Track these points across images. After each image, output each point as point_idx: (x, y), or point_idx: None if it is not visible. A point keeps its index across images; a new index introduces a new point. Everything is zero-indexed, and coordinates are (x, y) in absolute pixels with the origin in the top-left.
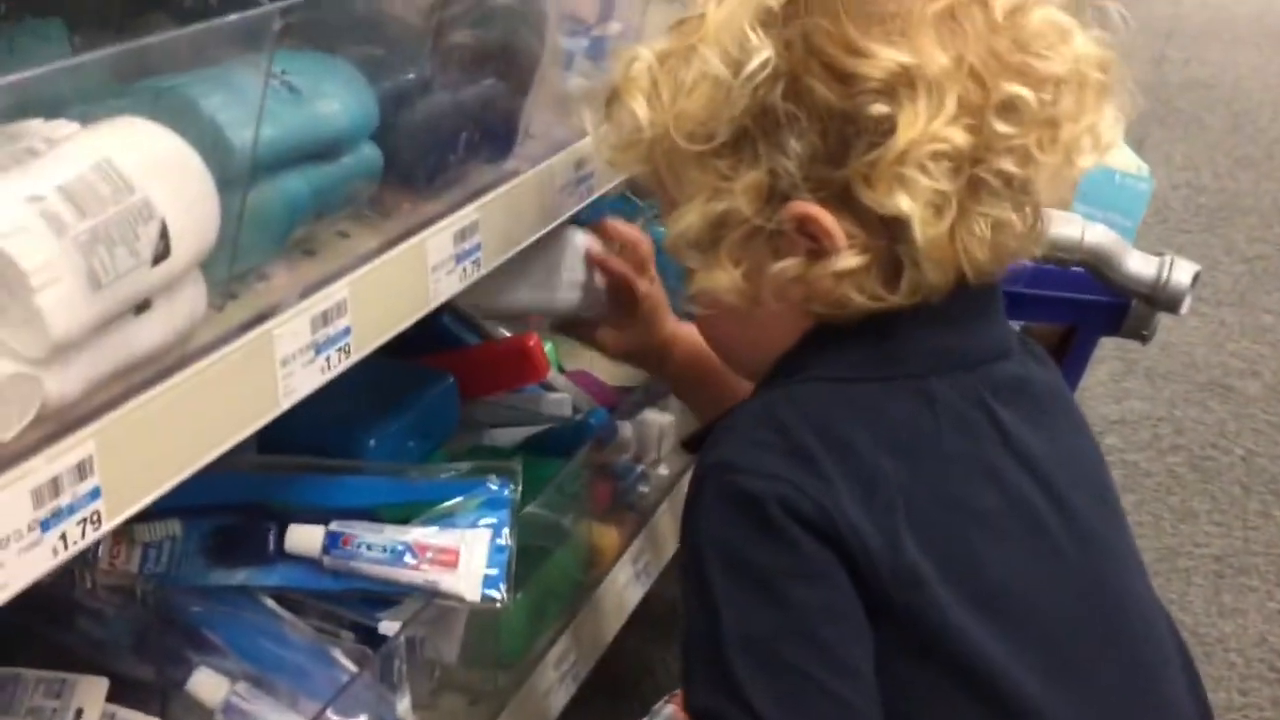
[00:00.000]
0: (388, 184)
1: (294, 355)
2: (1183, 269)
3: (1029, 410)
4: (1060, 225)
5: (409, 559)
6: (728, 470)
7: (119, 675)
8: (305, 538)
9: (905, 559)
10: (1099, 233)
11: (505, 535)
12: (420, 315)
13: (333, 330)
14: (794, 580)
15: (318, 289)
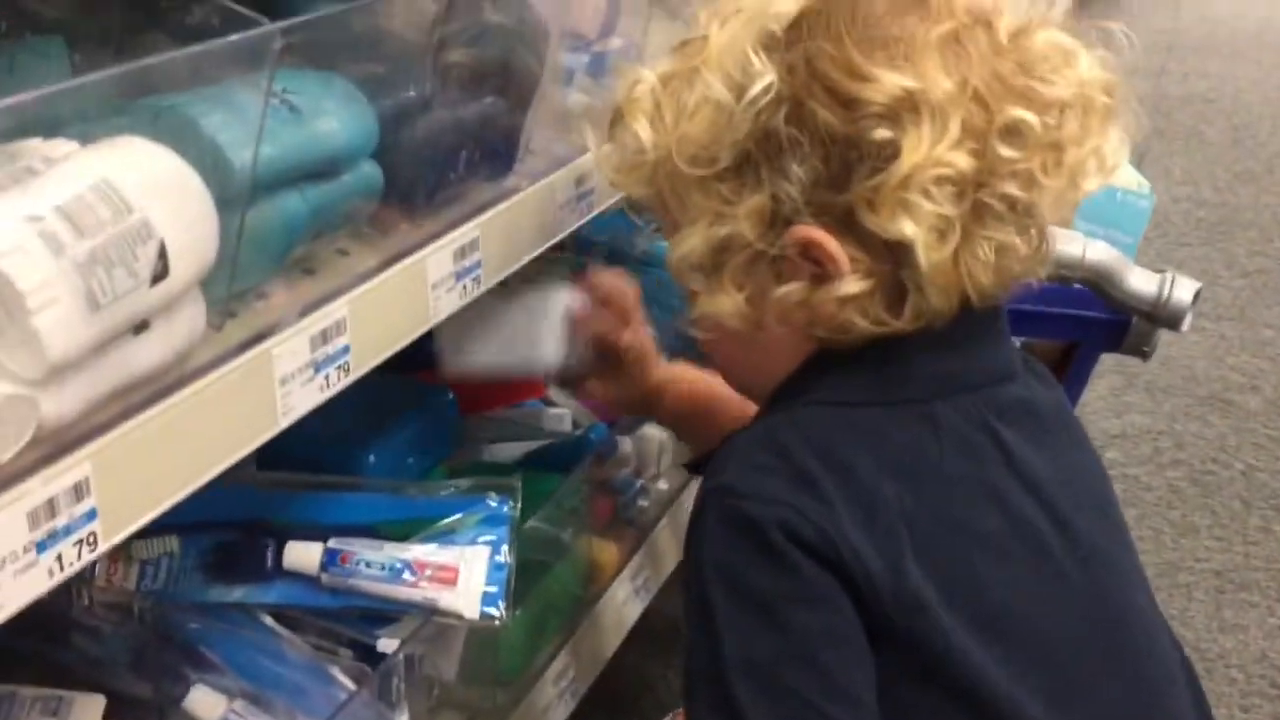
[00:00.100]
0: (388, 202)
1: (293, 374)
2: (1184, 286)
3: (1033, 432)
4: (1062, 243)
5: (408, 576)
6: (729, 495)
7: (116, 693)
8: (303, 555)
9: (908, 583)
10: (1100, 250)
11: (504, 552)
12: (420, 333)
13: (332, 349)
14: (795, 605)
15: (317, 307)
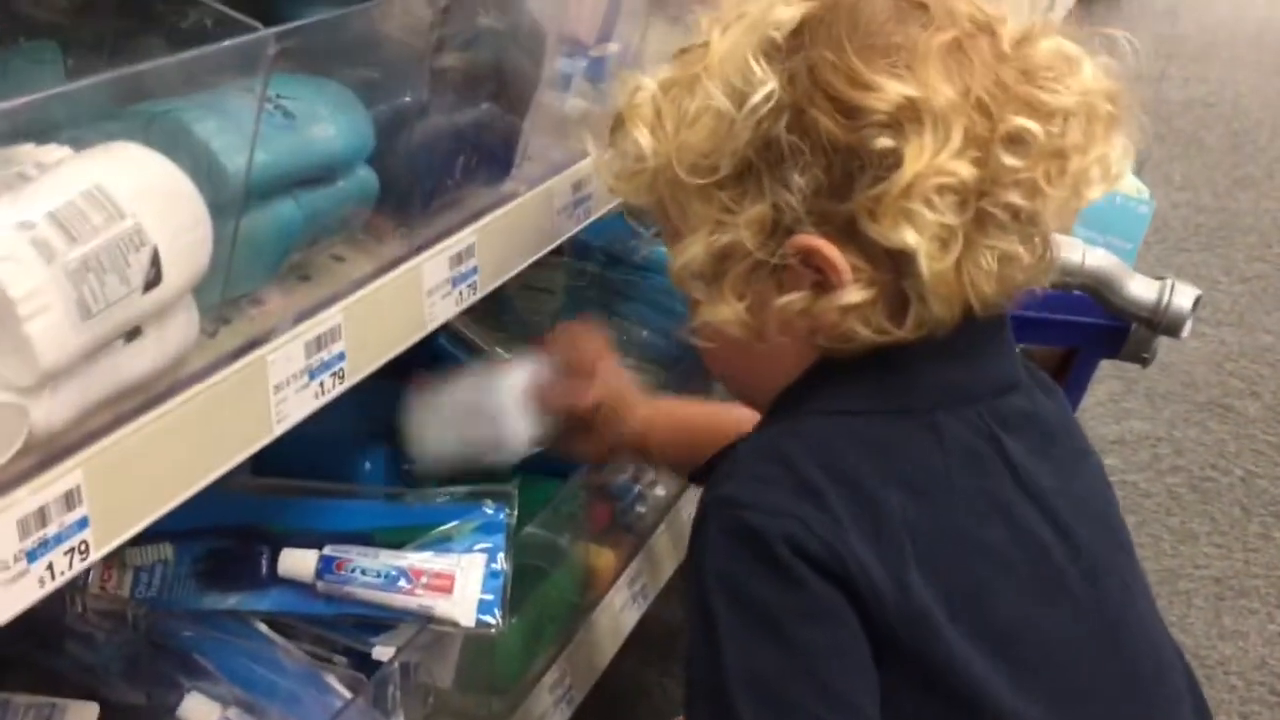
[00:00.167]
0: (383, 208)
1: (287, 381)
2: (1184, 293)
3: (1037, 443)
4: (1061, 249)
5: (404, 584)
6: (732, 506)
7: (109, 701)
8: (298, 562)
9: (913, 597)
10: (1100, 256)
11: (501, 560)
12: (416, 340)
13: (327, 355)
14: (800, 619)
15: (312, 314)
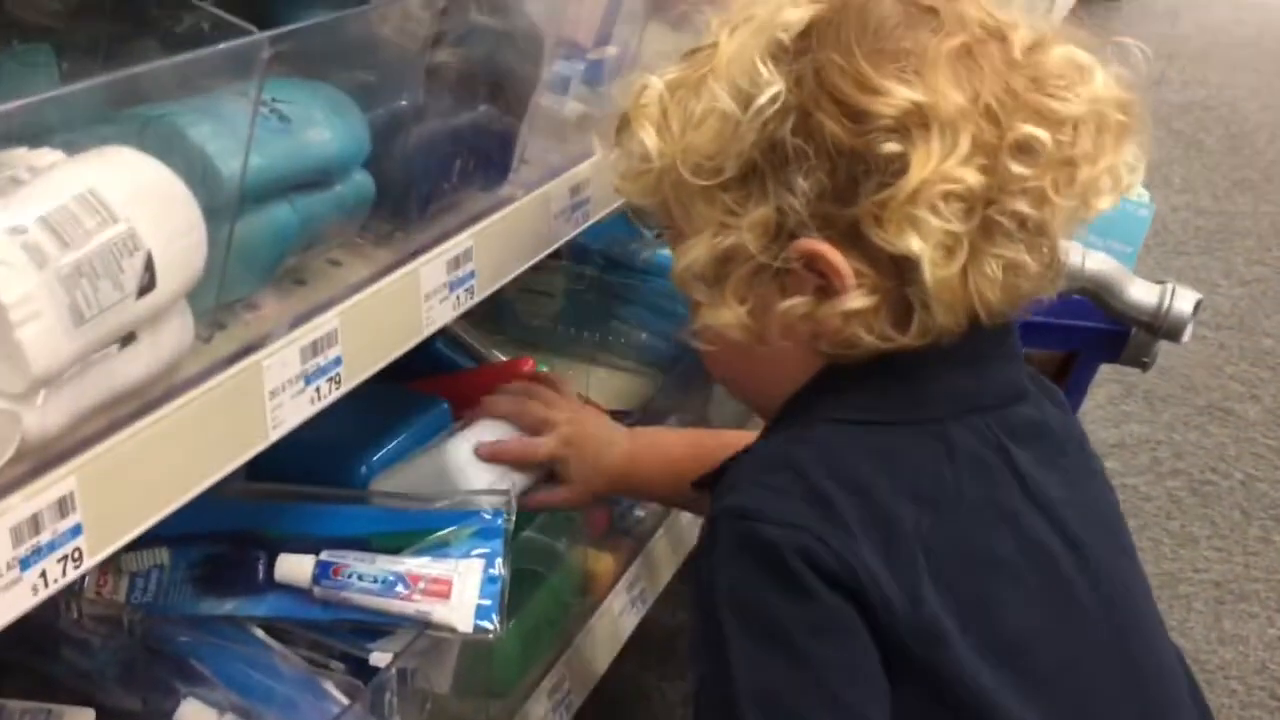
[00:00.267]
0: (380, 212)
1: (283, 386)
2: (1184, 298)
3: (1045, 454)
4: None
5: (401, 589)
6: (744, 516)
7: (106, 706)
8: (295, 567)
9: (925, 612)
10: (1100, 260)
11: (498, 565)
12: (412, 344)
13: (323, 360)
14: (812, 633)
15: (308, 319)
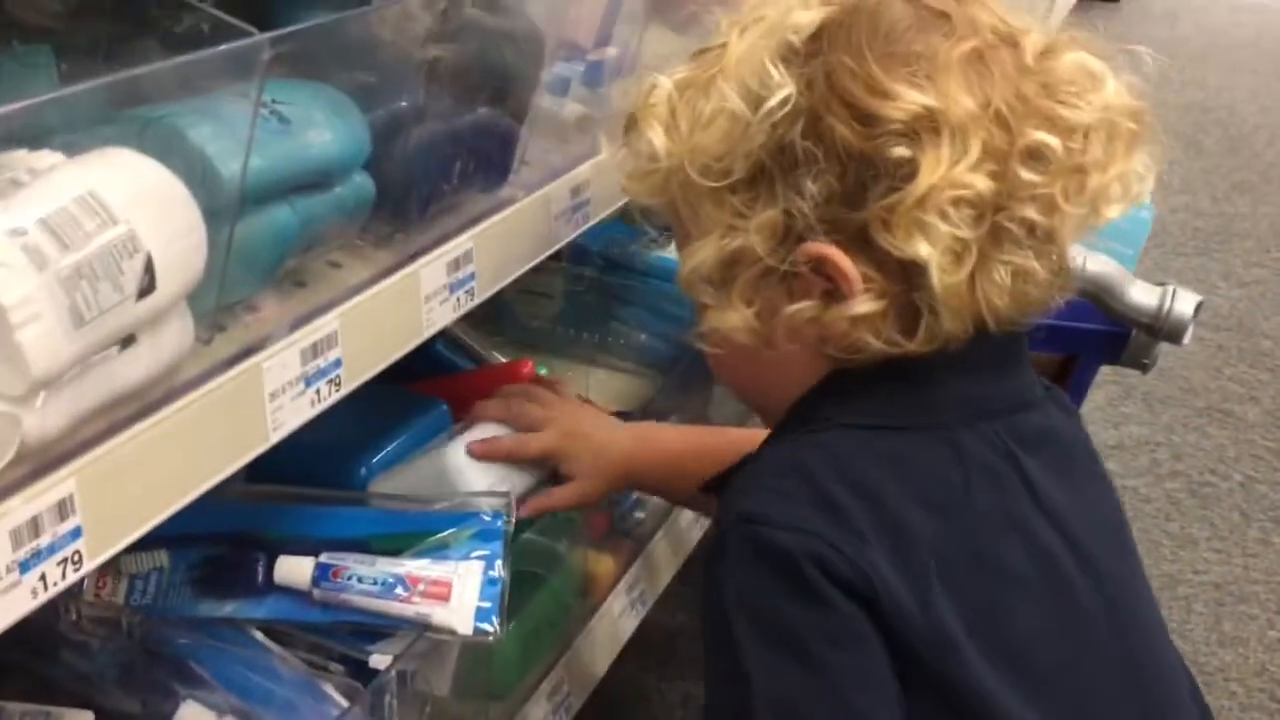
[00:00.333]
0: (380, 213)
1: (283, 388)
2: (1185, 300)
3: (1054, 461)
4: None
5: (401, 591)
6: (757, 522)
7: (105, 708)
8: (295, 569)
9: (937, 620)
10: (1100, 262)
11: (498, 567)
12: (413, 346)
13: (323, 362)
14: (827, 642)
15: (308, 320)
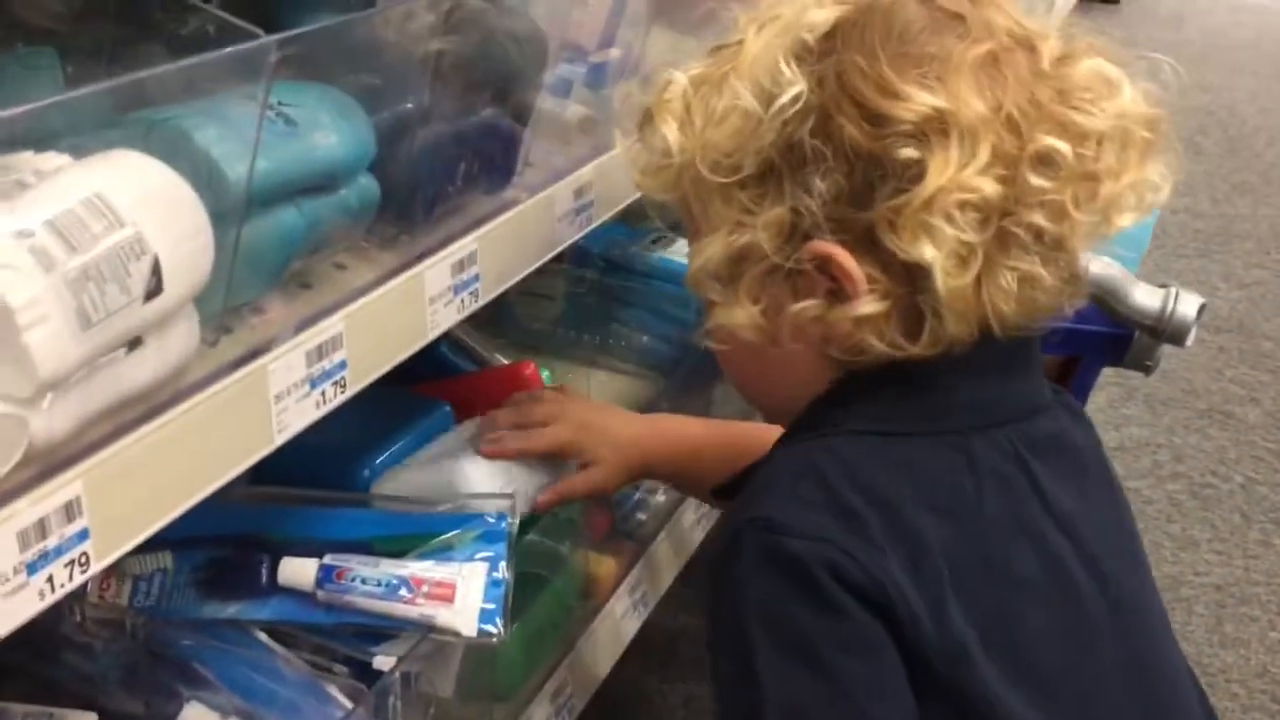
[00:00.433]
0: (385, 215)
1: (288, 390)
2: (1188, 302)
3: (1064, 468)
4: None
5: (405, 593)
6: (771, 528)
7: (108, 710)
8: (299, 571)
9: (951, 629)
10: (1103, 264)
11: (502, 569)
12: (417, 348)
13: (328, 364)
14: (841, 650)
15: (313, 322)
